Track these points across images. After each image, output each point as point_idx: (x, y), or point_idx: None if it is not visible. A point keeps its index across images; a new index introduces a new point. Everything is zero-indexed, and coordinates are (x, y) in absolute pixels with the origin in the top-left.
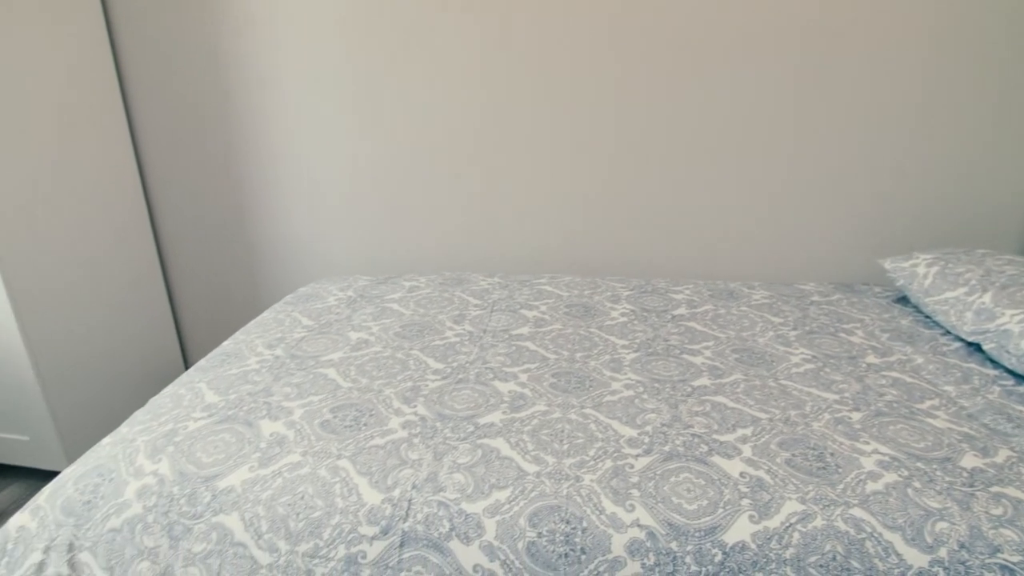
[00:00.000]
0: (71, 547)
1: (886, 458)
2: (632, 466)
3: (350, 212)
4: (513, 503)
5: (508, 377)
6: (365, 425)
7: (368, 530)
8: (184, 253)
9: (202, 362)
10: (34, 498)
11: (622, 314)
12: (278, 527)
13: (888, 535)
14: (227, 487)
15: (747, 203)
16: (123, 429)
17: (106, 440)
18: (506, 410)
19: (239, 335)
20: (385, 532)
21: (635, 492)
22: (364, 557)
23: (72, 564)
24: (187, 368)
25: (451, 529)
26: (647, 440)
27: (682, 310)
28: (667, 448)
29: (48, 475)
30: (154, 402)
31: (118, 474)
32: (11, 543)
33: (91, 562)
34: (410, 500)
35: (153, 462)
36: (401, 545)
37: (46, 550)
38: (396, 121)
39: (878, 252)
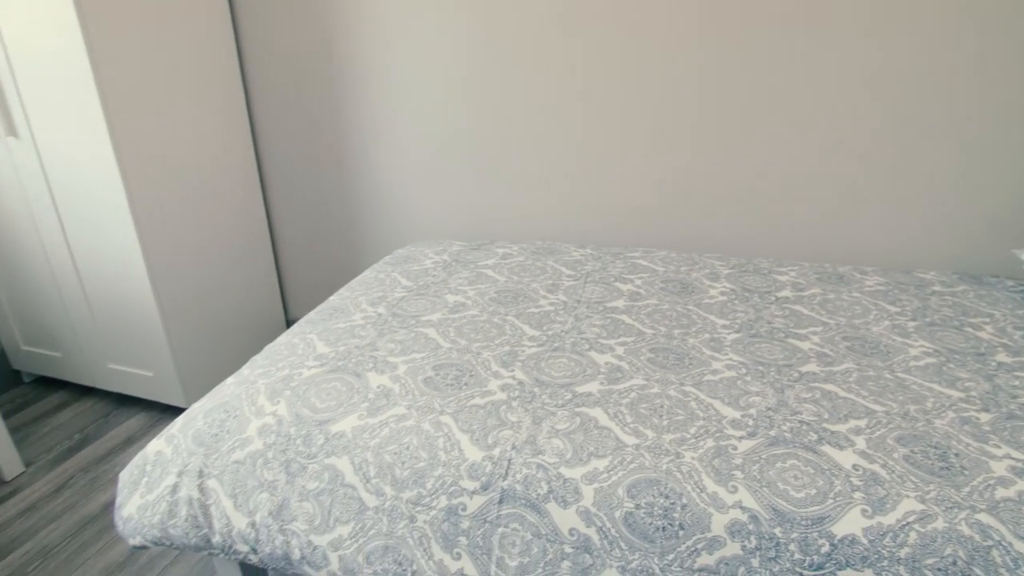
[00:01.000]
0: (201, 473)
1: (1020, 464)
2: (735, 447)
3: (443, 181)
4: (611, 472)
5: (604, 349)
6: (465, 385)
7: (469, 484)
8: (290, 215)
9: (312, 315)
10: (168, 427)
11: (721, 293)
12: (384, 473)
13: (1019, 546)
14: (339, 432)
15: (861, 179)
16: (244, 371)
17: (230, 380)
18: (603, 381)
19: (344, 292)
20: (485, 488)
21: (738, 474)
22: (464, 509)
23: (201, 489)
24: (287, 321)
25: (549, 492)
26: (751, 423)
27: (787, 292)
28: (772, 433)
29: (167, 408)
30: (270, 349)
31: (241, 412)
32: (150, 465)
33: (218, 488)
34: (509, 460)
35: (272, 404)
36: (500, 502)
37: (179, 474)
38: (489, 94)
39: (1014, 242)
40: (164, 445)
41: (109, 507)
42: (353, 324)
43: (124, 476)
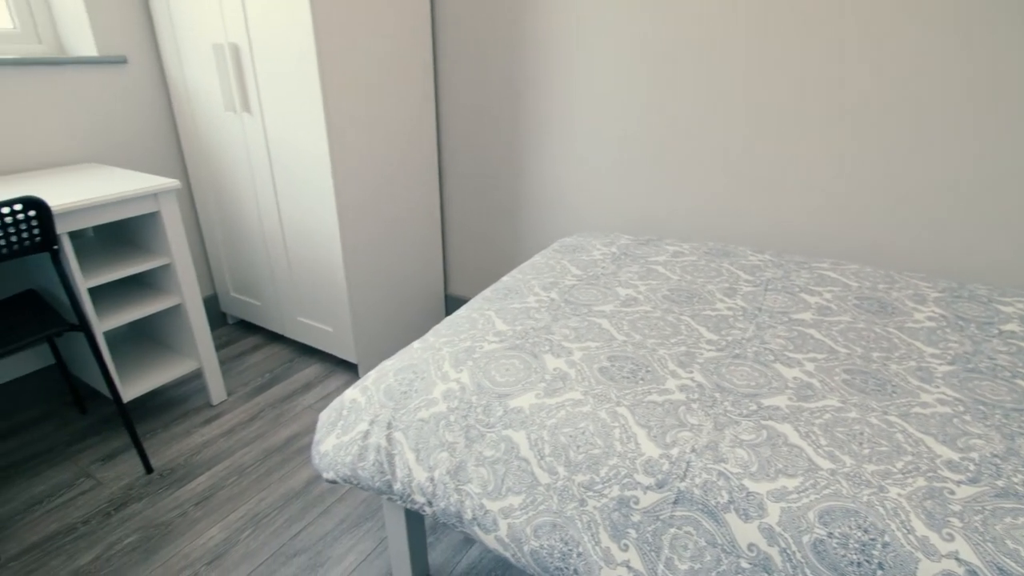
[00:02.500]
0: (389, 425)
1: None
2: (952, 492)
3: (611, 175)
4: (802, 494)
5: (792, 363)
6: (642, 380)
7: (643, 479)
8: (459, 200)
9: (487, 292)
10: (363, 379)
11: (929, 318)
12: (559, 453)
13: None
14: (517, 407)
15: None
16: (430, 338)
17: (416, 344)
18: (792, 397)
19: (516, 274)
20: (660, 486)
21: (955, 521)
22: (636, 503)
23: (389, 439)
24: (445, 296)
25: (729, 502)
26: (973, 468)
27: (1013, 326)
28: (1000, 483)
29: (339, 361)
30: (452, 320)
31: (428, 375)
32: (346, 410)
33: (403, 441)
34: (688, 462)
35: (456, 371)
36: (675, 502)
37: (371, 423)
38: (662, 90)
39: None
40: (359, 394)
41: (291, 441)
42: (528, 306)
43: (323, 416)
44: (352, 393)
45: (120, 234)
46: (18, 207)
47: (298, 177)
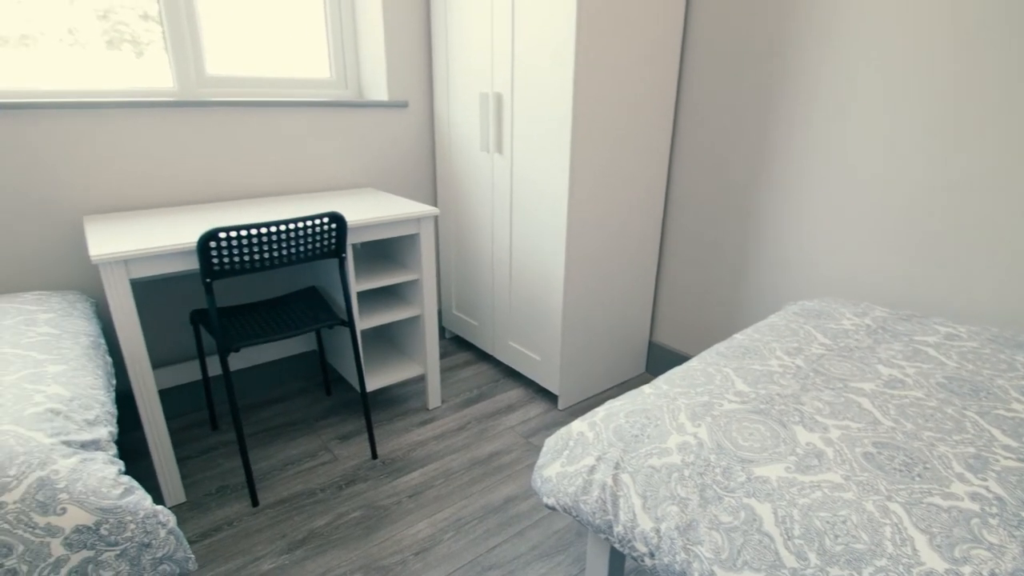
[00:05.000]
0: (617, 465)
1: None
2: None
3: (860, 234)
4: None
5: None
6: (919, 477)
7: None
8: (680, 249)
9: (720, 348)
10: (591, 414)
11: None
12: (812, 538)
13: None
14: (762, 476)
15: None
16: (663, 385)
17: (648, 389)
18: None
19: (752, 333)
20: None
21: None
22: None
23: (615, 479)
24: (650, 343)
25: None
26: None
27: None
28: None
29: (540, 389)
30: (685, 371)
31: (662, 423)
32: (572, 442)
33: (630, 484)
34: None
35: (693, 425)
36: None
37: (598, 459)
38: (950, 136)
39: None
40: (587, 428)
41: (493, 456)
42: (771, 370)
43: (550, 443)
44: (580, 426)
45: (379, 249)
46: (325, 220)
47: (534, 215)
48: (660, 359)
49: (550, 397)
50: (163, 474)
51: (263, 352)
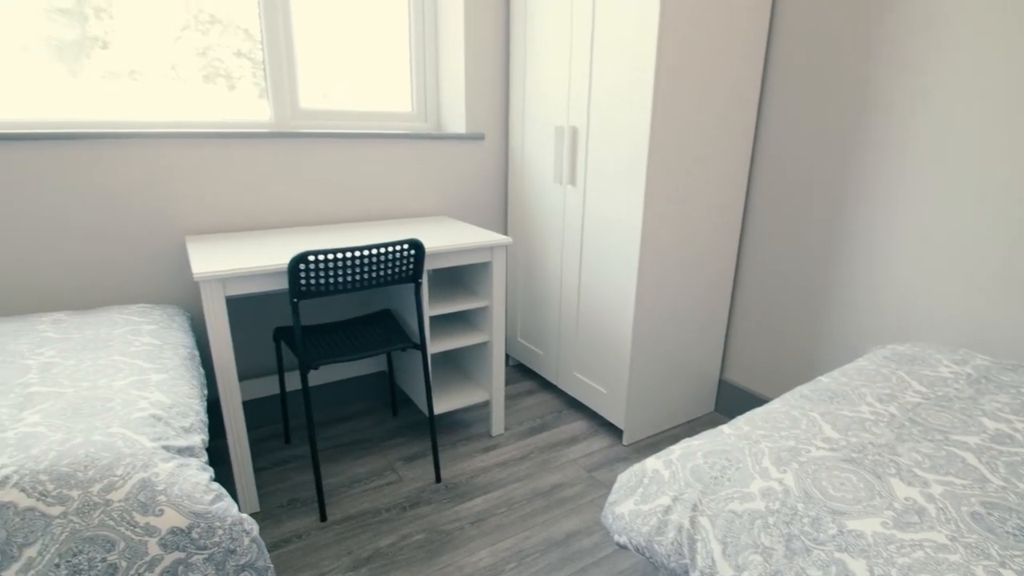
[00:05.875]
0: (695, 508)
1: None
2: None
3: (957, 274)
4: None
5: None
6: None
7: None
8: (755, 284)
9: (804, 390)
10: (666, 451)
11: None
12: None
13: None
14: (856, 530)
15: None
16: (743, 426)
17: (727, 429)
18: None
19: (839, 376)
20: None
21: None
22: None
23: (693, 522)
24: (720, 381)
25: None
26: None
27: None
28: None
29: (604, 422)
30: (765, 413)
31: (744, 466)
32: (647, 479)
33: (708, 528)
34: None
35: (778, 470)
36: None
37: (674, 499)
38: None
39: None
40: (662, 466)
41: (556, 489)
42: (861, 416)
43: (623, 479)
44: (654, 463)
45: (449, 276)
46: (405, 246)
47: (605, 245)
48: (730, 398)
49: (614, 431)
50: (241, 483)
51: (334, 371)
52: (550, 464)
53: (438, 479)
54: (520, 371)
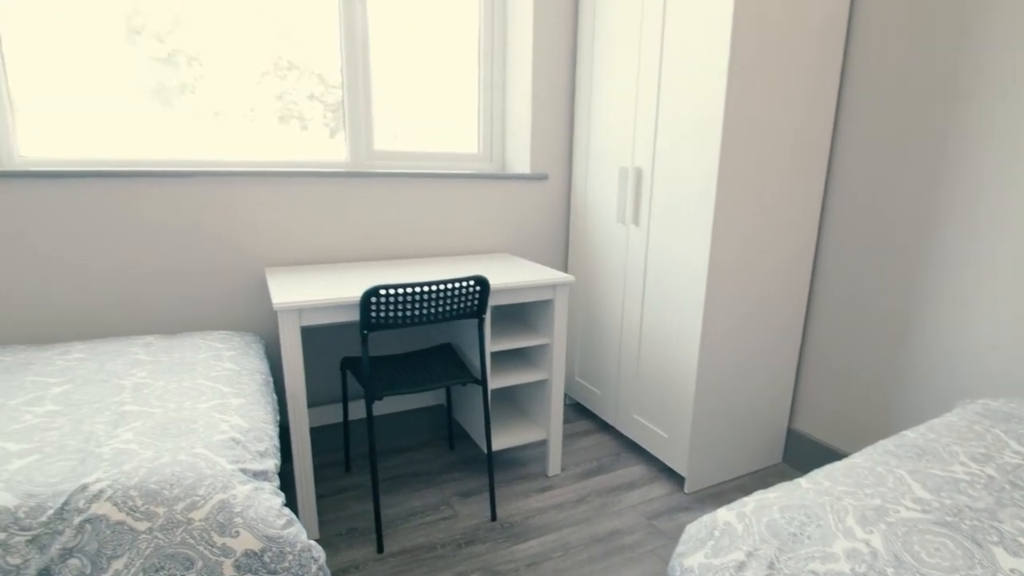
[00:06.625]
0: (771, 565)
1: None
2: None
3: None
4: None
5: None
6: None
7: None
8: (826, 333)
9: (889, 445)
10: (739, 503)
11: None
12: None
13: None
14: None
15: None
16: (823, 481)
17: (804, 483)
18: None
19: (926, 432)
20: None
21: None
22: None
23: None
24: (789, 430)
25: None
26: None
27: None
28: None
29: (664, 467)
30: (845, 468)
31: (826, 524)
32: (718, 531)
33: None
34: None
35: (864, 531)
36: None
37: (748, 555)
38: None
39: None
40: (735, 519)
41: (614, 535)
42: (955, 477)
43: (691, 529)
44: (726, 515)
45: (510, 312)
46: (471, 282)
47: (669, 286)
48: (799, 449)
49: (675, 478)
50: (304, 509)
51: (395, 402)
52: (608, 509)
53: (494, 517)
54: (577, 410)
